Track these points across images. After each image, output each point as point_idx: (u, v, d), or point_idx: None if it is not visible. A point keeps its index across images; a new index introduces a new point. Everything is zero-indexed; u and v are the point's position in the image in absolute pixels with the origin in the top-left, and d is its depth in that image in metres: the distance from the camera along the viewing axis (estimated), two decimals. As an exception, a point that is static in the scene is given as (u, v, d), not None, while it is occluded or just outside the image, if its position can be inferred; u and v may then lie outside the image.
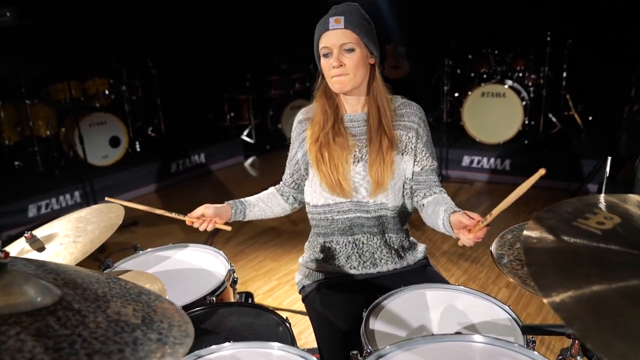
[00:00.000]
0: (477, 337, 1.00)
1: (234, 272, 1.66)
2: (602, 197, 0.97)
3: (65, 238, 1.59)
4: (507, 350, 0.97)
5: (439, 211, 1.41)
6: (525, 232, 0.84)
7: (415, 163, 1.57)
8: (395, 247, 1.62)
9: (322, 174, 1.54)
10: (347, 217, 1.58)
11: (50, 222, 1.74)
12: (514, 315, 1.26)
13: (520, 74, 5.38)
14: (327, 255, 1.63)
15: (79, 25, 5.04)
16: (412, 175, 1.58)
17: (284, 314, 2.71)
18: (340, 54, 1.45)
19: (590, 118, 5.54)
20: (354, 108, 1.58)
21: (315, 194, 1.60)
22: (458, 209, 1.37)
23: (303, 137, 1.62)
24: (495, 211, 1.09)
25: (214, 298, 1.49)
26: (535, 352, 0.93)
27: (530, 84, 5.38)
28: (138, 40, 5.73)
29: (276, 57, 6.84)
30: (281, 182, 1.74)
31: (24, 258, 1.06)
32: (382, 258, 1.61)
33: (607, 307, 0.67)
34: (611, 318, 0.65)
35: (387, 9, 6.19)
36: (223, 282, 1.56)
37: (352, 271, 1.61)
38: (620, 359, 0.59)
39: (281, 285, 3.14)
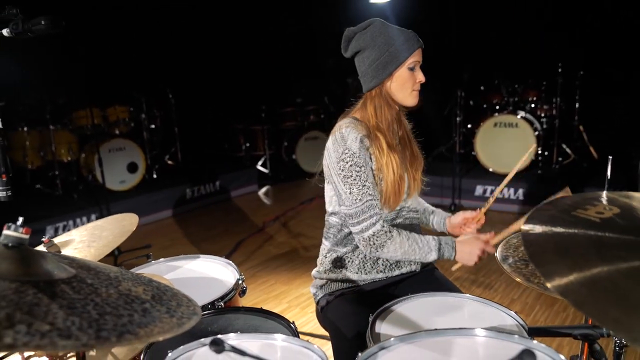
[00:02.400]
0: (479, 331, 1.00)
1: (243, 281, 1.68)
2: (604, 193, 0.99)
3: (80, 244, 1.64)
4: (508, 342, 0.97)
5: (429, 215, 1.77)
6: (525, 221, 0.86)
7: None
8: None
9: (389, 183, 1.52)
10: (397, 223, 1.63)
11: (69, 232, 1.80)
12: (521, 321, 1.25)
13: (533, 105, 5.42)
14: (353, 263, 1.63)
15: (102, 55, 5.27)
16: None
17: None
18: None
19: (605, 149, 5.51)
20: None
21: None
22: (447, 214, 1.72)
23: (370, 156, 1.53)
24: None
25: (222, 303, 1.51)
26: (535, 341, 0.93)
27: (542, 114, 5.41)
28: (158, 72, 5.95)
29: (292, 90, 7.02)
30: (379, 213, 1.51)
31: (40, 250, 1.11)
32: (405, 262, 1.64)
33: (602, 282, 0.69)
34: (606, 291, 0.67)
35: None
36: (232, 289, 1.58)
37: (379, 275, 1.62)
38: (612, 323, 0.60)
39: (291, 307, 3.12)
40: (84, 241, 1.65)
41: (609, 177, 1.07)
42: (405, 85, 1.55)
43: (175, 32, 6.11)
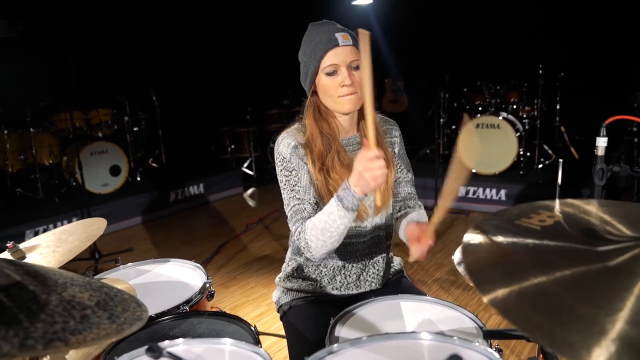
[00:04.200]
0: (425, 335, 1.02)
1: (210, 285, 1.68)
2: (556, 201, 0.99)
3: (46, 249, 1.63)
4: (449, 344, 0.99)
5: (403, 224, 1.49)
6: (468, 231, 0.87)
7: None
8: (380, 266, 1.61)
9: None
10: (344, 243, 1.46)
11: (37, 236, 1.79)
12: (480, 323, 1.27)
13: (514, 106, 5.48)
14: (309, 276, 1.61)
15: (85, 57, 5.24)
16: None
17: (271, 338, 2.66)
18: (350, 71, 1.39)
19: (586, 149, 5.58)
20: (346, 130, 1.52)
21: None
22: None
23: (305, 162, 1.48)
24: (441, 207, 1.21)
25: (187, 308, 1.51)
26: (475, 343, 0.95)
27: (524, 115, 5.46)
28: (142, 74, 5.92)
29: (278, 92, 7.01)
30: (305, 216, 1.44)
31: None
32: (366, 280, 1.59)
33: (531, 289, 0.70)
34: (533, 296, 0.68)
35: (385, 45, 6.38)
36: (198, 293, 1.58)
37: (334, 292, 1.59)
38: (535, 328, 0.61)
39: (270, 310, 3.12)
40: (49, 246, 1.64)
41: (559, 183, 1.08)
42: (327, 92, 1.42)
43: (159, 34, 6.09)
